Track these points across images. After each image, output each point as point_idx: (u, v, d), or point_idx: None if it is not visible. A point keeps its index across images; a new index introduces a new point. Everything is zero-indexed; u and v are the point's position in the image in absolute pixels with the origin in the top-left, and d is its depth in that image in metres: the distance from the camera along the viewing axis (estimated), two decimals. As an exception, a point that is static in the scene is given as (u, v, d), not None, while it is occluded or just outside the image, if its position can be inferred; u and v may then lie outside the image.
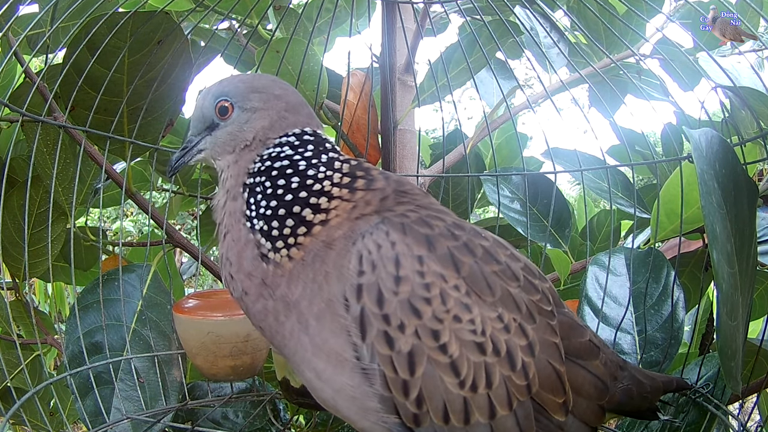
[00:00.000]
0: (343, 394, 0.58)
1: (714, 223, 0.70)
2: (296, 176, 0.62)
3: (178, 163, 0.69)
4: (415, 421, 0.56)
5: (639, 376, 0.71)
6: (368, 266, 0.56)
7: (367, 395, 0.56)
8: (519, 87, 1.35)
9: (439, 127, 1.48)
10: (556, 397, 0.60)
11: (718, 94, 0.95)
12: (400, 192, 0.64)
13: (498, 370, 0.57)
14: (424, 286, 0.56)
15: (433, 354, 0.55)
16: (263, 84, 0.67)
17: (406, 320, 0.55)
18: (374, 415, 0.57)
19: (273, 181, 0.62)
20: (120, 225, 1.68)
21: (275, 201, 0.61)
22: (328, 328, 0.57)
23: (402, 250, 0.56)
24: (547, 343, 0.61)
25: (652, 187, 1.57)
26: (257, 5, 1.31)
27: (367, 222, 0.59)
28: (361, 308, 0.55)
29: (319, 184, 0.61)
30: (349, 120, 1.37)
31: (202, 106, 0.67)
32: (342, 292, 0.56)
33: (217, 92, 0.66)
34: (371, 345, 0.55)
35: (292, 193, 0.61)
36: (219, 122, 0.66)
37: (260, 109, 0.65)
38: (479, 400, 0.56)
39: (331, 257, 0.58)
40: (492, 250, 0.61)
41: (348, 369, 0.56)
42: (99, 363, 0.99)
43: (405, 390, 0.55)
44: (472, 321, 0.57)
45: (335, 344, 0.57)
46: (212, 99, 0.66)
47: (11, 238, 1.20)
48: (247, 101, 0.65)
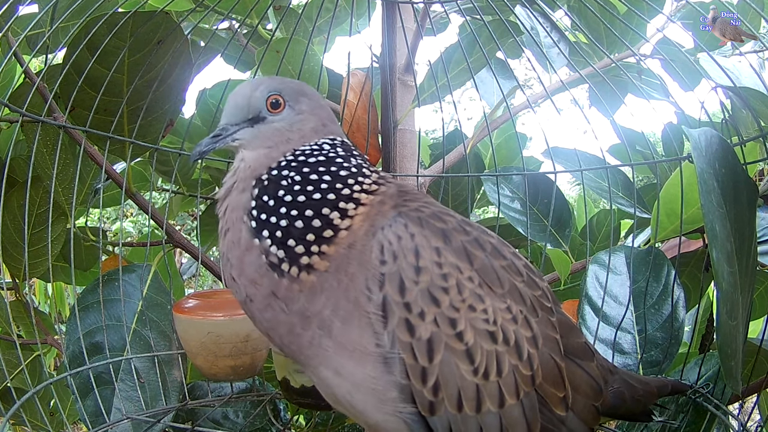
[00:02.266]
0: (362, 388, 0.58)
1: (714, 222, 0.70)
2: (328, 175, 0.61)
3: (207, 148, 0.65)
4: (431, 409, 0.57)
5: (630, 380, 0.73)
6: (390, 256, 0.57)
7: (387, 385, 0.57)
8: (519, 87, 1.35)
9: (439, 128, 1.47)
10: (558, 391, 0.62)
11: (718, 94, 0.95)
12: (403, 192, 0.65)
13: (507, 359, 0.59)
14: (442, 276, 0.57)
15: (450, 341, 0.57)
16: (312, 91, 0.68)
17: (426, 308, 0.57)
18: (391, 406, 0.58)
19: (303, 176, 0.60)
20: (120, 225, 1.68)
21: (303, 196, 0.59)
22: (356, 326, 0.57)
23: (421, 241, 0.58)
24: (549, 337, 0.63)
25: (652, 187, 1.57)
26: (257, 5, 1.31)
27: (384, 216, 0.60)
28: (384, 297, 0.56)
29: (349, 189, 0.61)
30: (349, 120, 1.37)
31: (249, 95, 0.65)
32: (365, 283, 0.57)
33: (271, 86, 0.65)
34: (392, 332, 0.56)
35: (321, 193, 0.59)
36: (267, 116, 0.65)
37: (308, 113, 0.65)
38: (490, 388, 0.58)
39: (354, 256, 0.58)
40: (499, 246, 0.64)
41: (371, 361, 0.57)
42: (99, 363, 0.99)
43: (423, 377, 0.57)
44: (485, 311, 0.59)
45: (361, 339, 0.57)
46: (265, 91, 0.65)
47: (11, 238, 1.20)
48: (298, 102, 0.65)
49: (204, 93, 1.52)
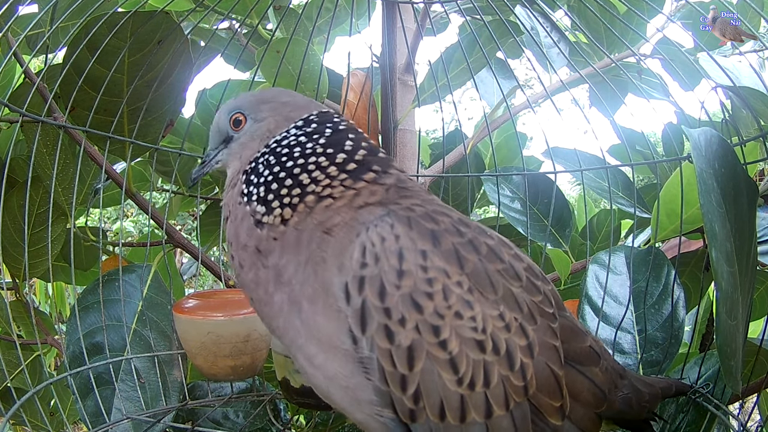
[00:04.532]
0: (335, 383, 0.57)
1: (713, 222, 0.70)
2: (298, 147, 0.64)
3: (197, 175, 0.75)
4: (411, 416, 0.56)
5: (638, 384, 0.71)
6: (371, 259, 0.56)
7: (360, 386, 0.56)
8: (519, 87, 1.35)
9: (439, 128, 1.48)
10: (553, 401, 0.60)
11: (718, 94, 0.95)
12: (402, 188, 0.64)
13: (497, 369, 0.57)
14: (427, 281, 0.55)
15: (432, 350, 0.55)
16: (272, 95, 0.71)
17: (407, 314, 0.55)
18: (369, 408, 0.57)
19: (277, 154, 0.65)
20: (120, 225, 1.68)
21: (278, 167, 0.63)
22: (321, 313, 0.57)
23: (406, 243, 0.56)
24: (546, 345, 0.60)
25: (652, 187, 1.57)
26: (257, 5, 1.31)
27: (371, 213, 0.59)
28: (363, 300, 0.55)
29: (315, 156, 0.63)
30: (349, 120, 1.37)
31: (218, 121, 0.72)
32: (343, 284, 0.56)
33: (231, 107, 0.71)
34: (371, 338, 0.55)
35: (293, 160, 0.63)
36: (233, 134, 0.70)
37: (269, 117, 0.69)
38: (476, 399, 0.56)
39: (330, 244, 0.58)
40: (496, 248, 0.61)
41: (340, 356, 0.56)
42: (99, 363, 0.99)
43: (403, 385, 0.55)
44: (473, 318, 0.56)
45: (327, 329, 0.57)
46: (227, 113, 0.71)
47: (11, 239, 1.20)
48: (258, 112, 0.69)
49: (204, 93, 1.52)
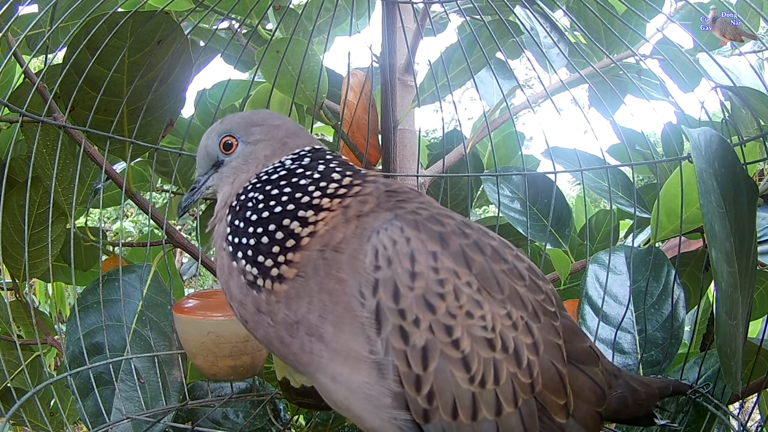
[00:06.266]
0: (358, 394, 0.58)
1: (713, 221, 0.70)
2: (288, 187, 0.62)
3: (187, 203, 0.73)
4: (425, 416, 0.57)
5: (633, 383, 0.72)
6: (384, 261, 0.56)
7: (381, 392, 0.57)
8: (519, 87, 1.35)
9: (439, 128, 1.48)
10: (558, 399, 0.61)
11: (718, 94, 0.95)
12: (391, 191, 0.64)
13: (505, 366, 0.58)
14: (439, 282, 0.56)
15: (446, 349, 0.56)
16: (262, 117, 0.70)
17: (421, 315, 0.56)
18: (386, 413, 0.57)
19: (266, 193, 0.63)
20: (120, 225, 1.68)
21: (267, 212, 0.61)
22: (348, 331, 0.57)
23: (417, 246, 0.57)
24: (550, 343, 0.61)
25: (652, 187, 1.57)
26: (257, 5, 1.31)
27: (377, 218, 0.59)
28: (377, 303, 0.56)
29: (308, 196, 0.61)
30: (349, 120, 1.37)
31: (206, 145, 0.70)
32: (357, 288, 0.56)
33: (220, 130, 0.69)
34: (386, 339, 0.56)
35: (281, 206, 0.61)
36: (224, 158, 0.69)
37: (262, 140, 0.68)
38: (487, 396, 0.57)
39: (342, 261, 0.58)
40: (500, 249, 0.62)
41: (365, 367, 0.57)
42: (99, 363, 0.99)
43: (417, 385, 0.56)
44: (483, 317, 0.57)
45: (354, 345, 0.57)
46: (216, 137, 0.69)
47: (11, 239, 1.20)
48: (249, 135, 0.68)
49: (204, 93, 1.52)
